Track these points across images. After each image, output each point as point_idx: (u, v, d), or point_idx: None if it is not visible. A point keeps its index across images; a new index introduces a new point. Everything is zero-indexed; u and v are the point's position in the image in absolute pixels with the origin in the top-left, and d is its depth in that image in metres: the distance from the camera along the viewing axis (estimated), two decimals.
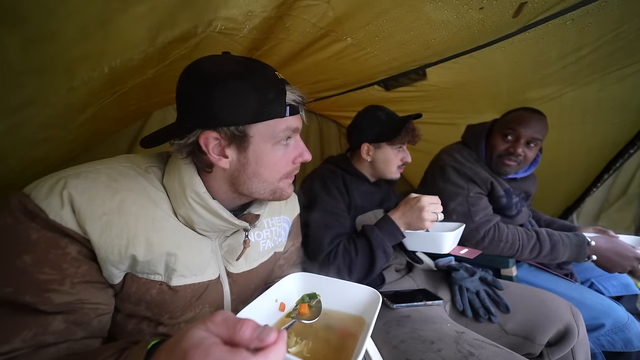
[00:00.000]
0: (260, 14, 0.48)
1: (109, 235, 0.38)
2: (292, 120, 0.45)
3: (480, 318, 0.73)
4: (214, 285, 0.49)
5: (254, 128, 0.43)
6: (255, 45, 0.60)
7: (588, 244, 0.88)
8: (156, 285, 0.43)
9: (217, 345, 0.21)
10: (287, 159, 0.48)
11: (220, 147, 0.43)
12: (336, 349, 0.40)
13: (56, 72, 0.35)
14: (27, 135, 0.42)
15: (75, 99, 0.41)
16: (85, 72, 0.38)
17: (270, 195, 0.49)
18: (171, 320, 0.46)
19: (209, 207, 0.44)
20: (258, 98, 0.41)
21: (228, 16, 0.45)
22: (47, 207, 0.35)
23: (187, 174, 0.44)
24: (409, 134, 0.84)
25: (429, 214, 0.69)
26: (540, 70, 0.90)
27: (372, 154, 0.87)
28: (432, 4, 0.56)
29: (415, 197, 0.72)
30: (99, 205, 0.37)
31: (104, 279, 0.40)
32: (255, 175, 0.45)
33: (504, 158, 0.98)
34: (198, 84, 0.41)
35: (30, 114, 0.38)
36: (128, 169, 0.43)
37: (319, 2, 0.51)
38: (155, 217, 0.42)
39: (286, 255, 0.66)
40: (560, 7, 0.63)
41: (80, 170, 0.39)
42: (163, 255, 0.42)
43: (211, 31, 0.47)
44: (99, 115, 0.49)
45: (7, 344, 0.31)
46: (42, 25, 0.29)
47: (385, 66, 0.86)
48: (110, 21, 0.34)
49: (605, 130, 1.17)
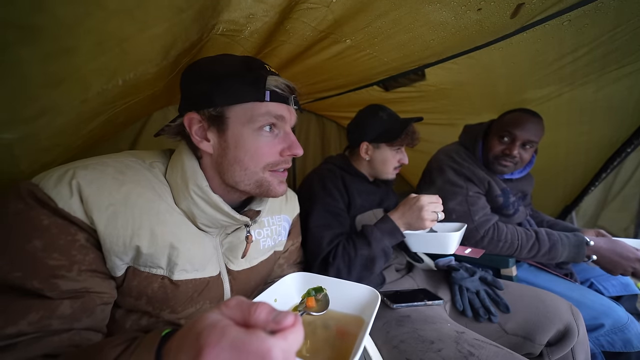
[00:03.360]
0: (262, 17, 0.48)
1: (115, 226, 0.38)
2: (273, 107, 0.45)
3: (480, 318, 0.73)
4: (214, 282, 0.49)
5: (232, 110, 0.44)
6: (257, 48, 0.61)
7: (587, 244, 0.88)
8: (158, 279, 0.43)
9: (233, 326, 0.21)
10: (271, 149, 0.47)
11: (203, 130, 0.45)
12: (335, 348, 0.40)
13: (72, 84, 0.36)
14: (41, 142, 0.43)
15: (88, 109, 0.42)
16: (100, 84, 0.39)
17: (256, 187, 0.48)
18: (172, 315, 0.46)
19: (210, 200, 0.44)
20: (236, 81, 0.43)
21: (230, 19, 0.46)
22: (57, 196, 0.35)
23: (189, 167, 0.45)
24: (409, 136, 0.84)
25: (428, 214, 0.69)
26: (538, 71, 0.91)
27: (371, 153, 0.87)
28: (430, 5, 0.57)
29: (415, 197, 0.72)
30: (106, 195, 0.38)
31: (107, 270, 0.40)
32: (236, 161, 0.45)
33: (500, 159, 0.99)
34: (189, 73, 0.46)
35: (45, 122, 0.39)
36: (134, 163, 0.44)
37: (319, 5, 0.51)
38: (160, 209, 0.43)
39: (286, 255, 0.66)
40: (557, 8, 0.63)
41: (88, 163, 0.40)
42: (166, 247, 0.42)
43: (214, 34, 0.47)
44: (108, 121, 0.50)
45: (14, 325, 0.31)
46: (60, 41, 0.30)
47: (384, 67, 0.87)
48: (128, 40, 0.35)
49: (602, 130, 1.18)
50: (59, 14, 0.27)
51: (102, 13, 0.30)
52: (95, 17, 0.30)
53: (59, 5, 0.27)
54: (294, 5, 0.49)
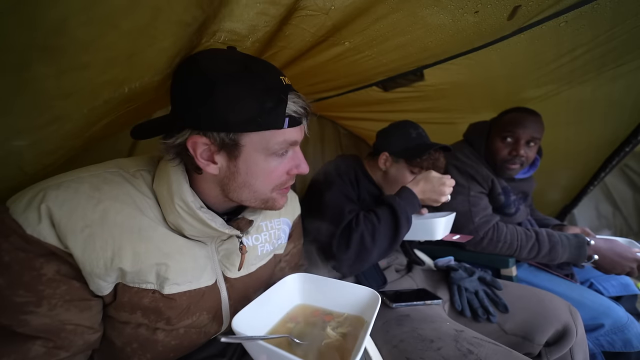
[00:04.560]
0: (263, 28, 0.48)
1: (93, 249, 0.36)
2: (291, 133, 0.42)
3: (479, 318, 0.74)
4: (210, 291, 0.48)
5: (247, 137, 0.40)
6: (256, 53, 0.62)
7: (588, 244, 0.88)
8: (149, 294, 0.41)
9: None
10: (281, 171, 0.45)
11: (210, 153, 0.41)
12: (336, 348, 0.41)
13: (83, 95, 0.37)
14: (47, 147, 0.43)
15: (94, 115, 0.43)
16: (108, 94, 0.39)
17: (261, 204, 0.46)
18: (168, 326, 0.44)
19: (197, 216, 0.41)
20: (254, 105, 0.38)
21: (232, 29, 0.46)
22: (24, 222, 0.33)
23: (175, 180, 0.41)
24: (431, 161, 0.82)
25: (448, 189, 0.73)
26: (536, 71, 0.91)
27: (389, 165, 0.86)
28: (428, 9, 0.57)
29: (440, 178, 0.75)
30: (80, 217, 0.35)
31: (91, 292, 0.38)
32: (246, 185, 0.43)
33: (508, 163, 0.99)
34: (192, 80, 0.39)
35: (54, 129, 0.39)
36: (114, 175, 0.41)
37: (317, 13, 0.51)
38: (142, 226, 0.40)
39: (287, 258, 0.65)
40: (554, 10, 0.64)
41: (61, 181, 0.37)
42: (152, 265, 0.40)
43: (215, 41, 0.48)
44: (110, 123, 0.51)
45: None
46: (76, 58, 0.30)
47: (383, 68, 0.87)
48: (137, 54, 0.35)
49: (601, 129, 1.18)
50: (77, 35, 0.28)
51: (116, 32, 0.31)
52: (109, 37, 0.31)
53: (77, 27, 0.27)
54: (293, 12, 0.50)
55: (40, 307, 0.34)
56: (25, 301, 0.34)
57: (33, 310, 0.34)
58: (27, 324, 0.33)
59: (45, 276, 0.35)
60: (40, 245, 0.34)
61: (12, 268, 0.33)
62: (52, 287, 0.35)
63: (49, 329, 0.35)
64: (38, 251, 0.34)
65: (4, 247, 0.33)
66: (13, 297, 0.33)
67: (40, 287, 0.34)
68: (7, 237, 0.33)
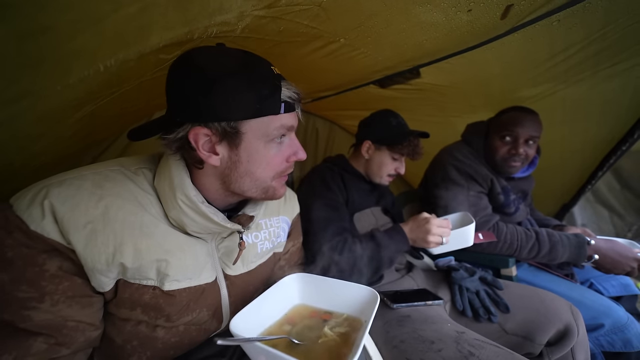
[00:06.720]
0: (252, 12, 0.49)
1: (95, 244, 0.36)
2: (287, 118, 0.44)
3: (480, 318, 0.73)
4: (210, 288, 0.48)
5: (247, 125, 0.41)
6: (250, 49, 0.62)
7: (588, 244, 0.88)
8: (149, 290, 0.42)
9: None
10: (280, 158, 0.46)
11: (211, 144, 0.42)
12: (334, 348, 0.40)
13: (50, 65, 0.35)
14: (24, 128, 0.42)
15: (72, 96, 0.41)
16: (80, 69, 0.38)
17: (262, 194, 0.47)
18: (168, 323, 0.45)
19: (199, 210, 0.42)
20: (252, 94, 0.40)
21: (223, 21, 0.46)
22: (28, 218, 0.34)
23: (177, 175, 0.42)
24: (411, 147, 0.86)
25: (434, 237, 0.71)
26: (531, 70, 0.92)
27: (371, 153, 0.89)
28: (421, 6, 0.58)
29: (426, 217, 0.74)
30: (82, 213, 0.36)
31: (92, 289, 0.39)
32: (248, 173, 0.44)
33: (508, 161, 1.00)
34: (190, 77, 0.39)
35: (25, 106, 0.38)
36: (116, 172, 0.42)
37: (311, 6, 0.52)
38: (144, 222, 0.41)
39: (287, 256, 0.66)
40: (546, 9, 0.64)
41: (64, 178, 0.38)
42: (153, 261, 0.41)
43: (207, 36, 0.48)
44: (96, 113, 0.50)
45: None
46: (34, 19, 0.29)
47: (379, 66, 0.88)
48: (102, 20, 0.34)
49: (597, 128, 1.19)
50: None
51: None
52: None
53: None
54: (286, 6, 0.50)
55: (43, 302, 0.34)
56: (27, 297, 0.34)
57: (35, 306, 0.34)
58: (29, 320, 0.34)
59: (47, 272, 0.35)
60: (43, 241, 0.34)
61: (15, 264, 0.33)
62: (55, 283, 0.35)
63: (51, 325, 0.35)
64: (41, 247, 0.34)
65: (7, 243, 0.33)
66: (16, 293, 0.33)
67: (42, 283, 0.35)
68: (11, 233, 0.33)
